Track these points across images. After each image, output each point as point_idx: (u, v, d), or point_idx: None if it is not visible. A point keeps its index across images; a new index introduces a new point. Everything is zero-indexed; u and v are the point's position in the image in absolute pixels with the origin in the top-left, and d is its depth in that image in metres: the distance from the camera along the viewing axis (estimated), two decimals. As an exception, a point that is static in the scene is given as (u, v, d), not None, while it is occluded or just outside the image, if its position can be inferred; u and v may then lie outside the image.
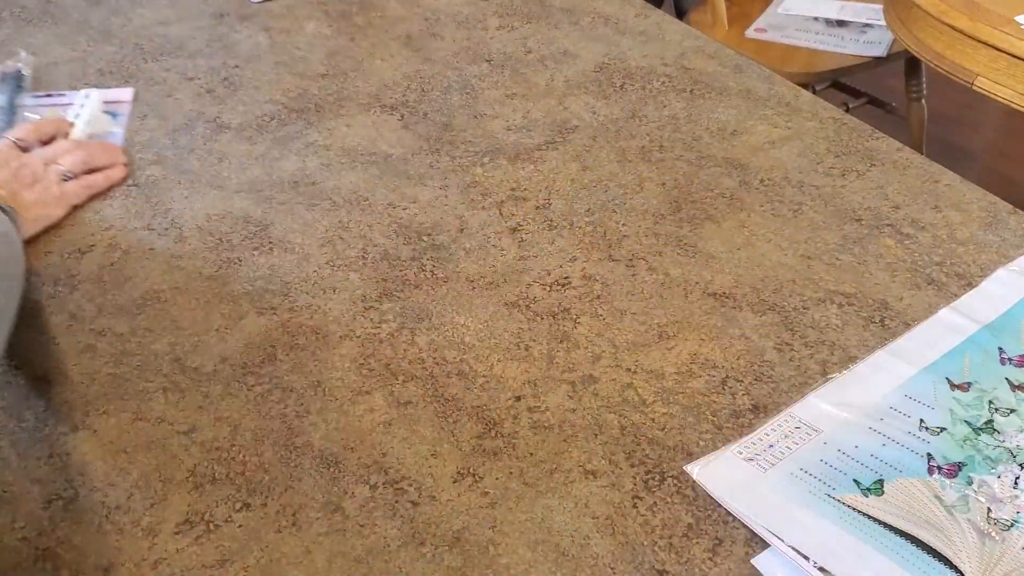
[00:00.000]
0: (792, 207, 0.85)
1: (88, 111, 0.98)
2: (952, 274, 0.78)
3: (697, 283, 0.77)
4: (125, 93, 1.04)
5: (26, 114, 0.99)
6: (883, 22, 1.66)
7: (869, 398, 0.66)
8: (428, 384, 0.69)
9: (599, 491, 0.61)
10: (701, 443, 0.64)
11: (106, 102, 1.02)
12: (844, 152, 0.92)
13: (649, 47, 1.11)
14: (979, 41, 1.32)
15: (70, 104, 1.01)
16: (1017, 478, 0.60)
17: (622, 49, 1.11)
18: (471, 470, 0.63)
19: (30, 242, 0.82)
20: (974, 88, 1.36)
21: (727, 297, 0.76)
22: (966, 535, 0.57)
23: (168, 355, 0.72)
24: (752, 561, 0.57)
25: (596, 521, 0.59)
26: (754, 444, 0.63)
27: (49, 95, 1.03)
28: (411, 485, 0.62)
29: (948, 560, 0.55)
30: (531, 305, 0.76)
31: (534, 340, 0.72)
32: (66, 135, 0.94)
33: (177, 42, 1.14)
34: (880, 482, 0.60)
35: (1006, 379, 0.67)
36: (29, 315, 0.75)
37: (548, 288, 0.77)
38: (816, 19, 1.98)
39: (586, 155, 0.93)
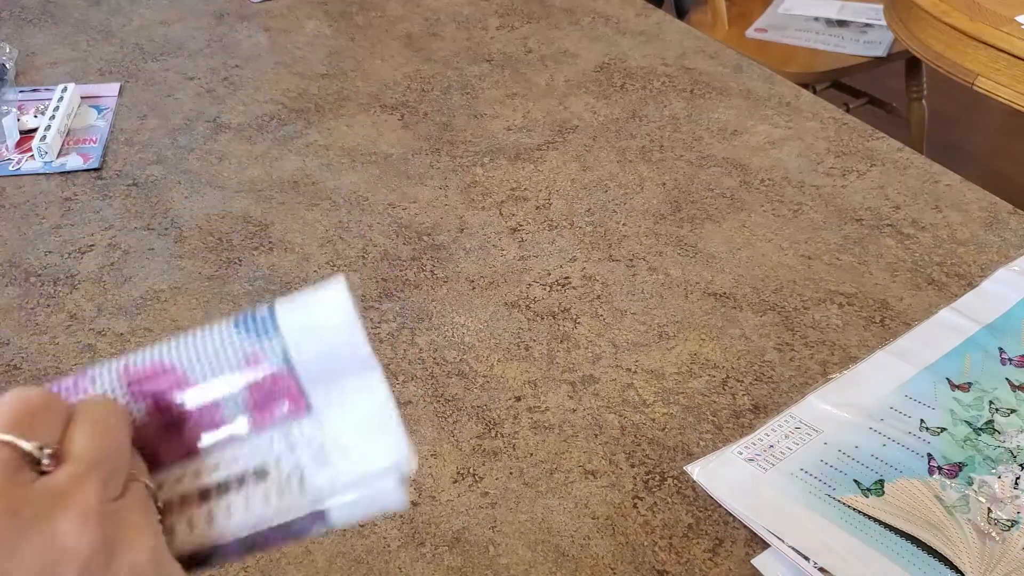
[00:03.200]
0: (792, 207, 0.85)
1: (66, 105, 0.98)
2: (952, 274, 0.77)
3: (697, 283, 0.77)
4: (110, 88, 1.05)
5: (7, 108, 0.99)
6: (883, 22, 1.66)
7: (869, 398, 0.66)
8: (428, 384, 0.69)
9: (599, 491, 0.61)
10: (701, 443, 0.64)
11: (89, 96, 1.03)
12: (844, 152, 0.92)
13: (649, 47, 1.11)
14: (979, 41, 1.32)
15: (48, 99, 1.01)
16: (1017, 478, 0.60)
17: (622, 49, 1.11)
18: (471, 470, 0.63)
19: None
20: (974, 88, 1.36)
21: (727, 297, 0.76)
22: (966, 535, 0.57)
23: (168, 355, 0.72)
24: (752, 561, 0.57)
25: (596, 521, 0.59)
26: (754, 444, 0.63)
27: (34, 90, 1.03)
28: (411, 485, 0.62)
29: (948, 560, 0.55)
30: (531, 305, 0.76)
31: (534, 340, 0.72)
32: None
33: (177, 42, 1.14)
34: (880, 482, 0.60)
35: (1006, 379, 0.67)
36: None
37: (548, 288, 0.77)
38: (816, 19, 1.98)
39: (586, 155, 0.93)
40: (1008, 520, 0.58)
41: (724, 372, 0.69)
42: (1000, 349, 0.70)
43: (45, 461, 0.30)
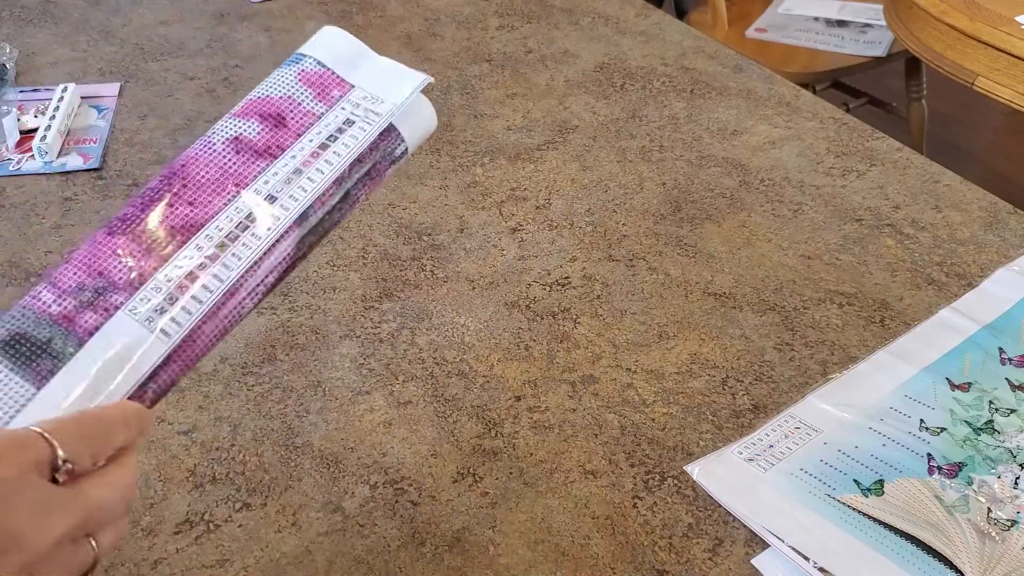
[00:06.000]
0: (792, 207, 0.85)
1: (66, 105, 0.98)
2: (952, 274, 0.78)
3: (697, 283, 0.77)
4: (110, 88, 1.05)
5: (7, 108, 0.99)
6: (883, 22, 1.66)
7: (869, 398, 0.66)
8: (428, 384, 0.69)
9: (599, 491, 0.61)
10: (701, 443, 0.64)
11: (89, 96, 1.03)
12: (844, 152, 0.92)
13: (649, 47, 1.11)
14: (979, 41, 1.32)
15: (48, 99, 1.01)
16: (1017, 478, 0.60)
17: (622, 49, 1.11)
18: (471, 470, 0.63)
19: None
20: (974, 88, 1.36)
21: (727, 297, 0.76)
22: (966, 535, 0.57)
23: (168, 355, 0.72)
24: (752, 561, 0.57)
25: (596, 521, 0.59)
26: (754, 444, 0.63)
27: (34, 90, 1.03)
28: (411, 485, 0.62)
29: (948, 560, 0.55)
30: (531, 305, 0.76)
31: (534, 340, 0.72)
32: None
33: (177, 42, 1.14)
34: (880, 482, 0.60)
35: (1006, 379, 0.67)
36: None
37: (548, 288, 0.77)
38: (816, 19, 1.98)
39: (586, 155, 0.93)
40: (1008, 520, 0.58)
41: (724, 372, 0.69)
42: (1000, 349, 0.70)
43: (60, 477, 0.36)
